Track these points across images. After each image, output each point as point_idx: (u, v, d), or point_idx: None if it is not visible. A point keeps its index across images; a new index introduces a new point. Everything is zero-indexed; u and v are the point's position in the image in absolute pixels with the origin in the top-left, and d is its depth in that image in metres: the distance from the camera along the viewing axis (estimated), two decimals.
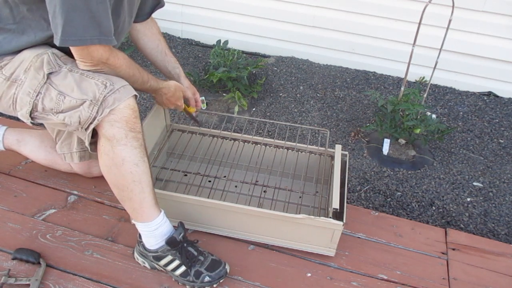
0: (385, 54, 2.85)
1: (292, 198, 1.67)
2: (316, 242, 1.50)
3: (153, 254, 1.37)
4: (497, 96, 2.74)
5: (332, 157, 1.69)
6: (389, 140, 2.23)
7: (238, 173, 1.78)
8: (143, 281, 1.40)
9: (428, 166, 2.15)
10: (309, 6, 2.84)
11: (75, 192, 1.71)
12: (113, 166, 1.27)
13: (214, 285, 1.37)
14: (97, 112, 1.21)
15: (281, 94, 2.63)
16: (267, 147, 1.75)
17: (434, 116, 2.22)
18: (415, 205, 1.93)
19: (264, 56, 3.05)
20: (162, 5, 1.63)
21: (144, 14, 1.59)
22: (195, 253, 1.38)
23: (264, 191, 1.72)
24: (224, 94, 2.56)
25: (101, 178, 1.77)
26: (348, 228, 1.67)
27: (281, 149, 1.74)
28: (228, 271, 1.40)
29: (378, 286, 1.47)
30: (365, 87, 2.75)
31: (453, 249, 1.62)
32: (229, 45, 2.77)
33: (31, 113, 1.27)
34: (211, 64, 2.59)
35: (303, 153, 1.73)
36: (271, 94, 2.63)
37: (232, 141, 1.77)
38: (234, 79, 2.53)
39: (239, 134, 1.79)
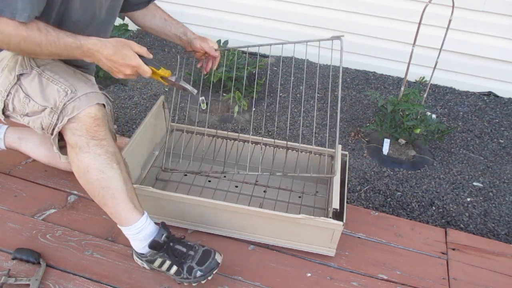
0: (385, 54, 2.85)
1: (292, 198, 1.67)
2: (316, 242, 1.50)
3: (145, 258, 1.37)
4: (497, 96, 2.74)
5: (332, 157, 1.69)
6: (389, 140, 2.23)
7: (238, 173, 1.78)
8: (143, 281, 1.40)
9: (428, 166, 2.15)
10: (309, 6, 2.84)
11: (75, 192, 1.71)
12: (80, 173, 1.28)
13: (209, 278, 1.34)
14: (57, 119, 1.22)
15: (281, 94, 2.63)
16: (267, 147, 1.74)
17: (434, 116, 2.22)
18: (415, 205, 1.93)
19: (264, 56, 3.05)
20: None
21: (141, 3, 1.58)
22: (184, 250, 1.35)
23: (265, 191, 1.72)
24: (224, 94, 2.56)
25: None
26: (348, 228, 1.67)
27: (281, 149, 1.74)
28: (219, 261, 1.35)
29: (378, 286, 1.46)
30: (365, 87, 2.75)
31: (453, 249, 1.62)
32: (229, 45, 2.77)
33: (4, 111, 1.31)
34: None
35: (303, 153, 1.73)
36: (271, 94, 2.63)
37: (233, 141, 1.77)
38: (234, 79, 2.53)
39: (239, 134, 1.79)
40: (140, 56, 1.20)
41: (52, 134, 1.26)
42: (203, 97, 2.48)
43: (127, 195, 1.31)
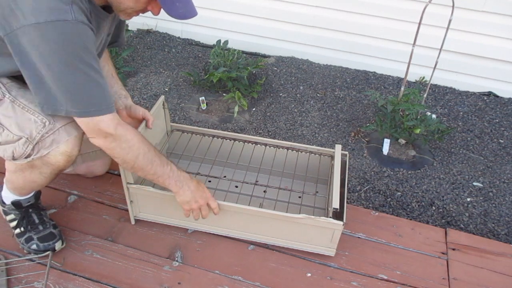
0: (385, 54, 2.85)
1: (292, 198, 1.67)
2: (316, 242, 1.50)
3: (3, 207, 1.46)
4: (497, 96, 2.74)
5: (332, 157, 1.68)
6: (389, 140, 2.23)
7: (238, 173, 1.78)
8: (143, 281, 1.40)
9: (428, 166, 2.15)
10: (309, 6, 2.84)
11: (75, 192, 1.71)
12: (20, 176, 1.31)
13: (40, 255, 1.43)
14: (32, 150, 1.20)
15: (281, 94, 2.63)
16: (267, 147, 1.74)
17: (434, 116, 2.22)
18: (415, 205, 1.93)
19: (264, 56, 3.05)
20: (119, 45, 1.56)
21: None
22: (37, 221, 1.45)
23: (264, 191, 1.72)
24: (224, 94, 2.56)
25: (101, 178, 1.77)
26: (348, 228, 1.67)
27: (281, 149, 1.74)
28: (56, 248, 1.44)
29: (378, 286, 1.46)
30: (365, 87, 2.75)
31: (453, 249, 1.62)
32: (229, 45, 2.77)
33: None
34: (211, 64, 2.59)
35: (303, 153, 1.72)
36: (271, 94, 2.63)
37: (233, 141, 1.77)
38: (234, 79, 2.53)
39: (239, 134, 1.79)
40: None
41: (18, 161, 1.24)
42: (203, 97, 2.48)
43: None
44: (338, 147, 1.65)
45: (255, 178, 1.73)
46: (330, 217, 1.42)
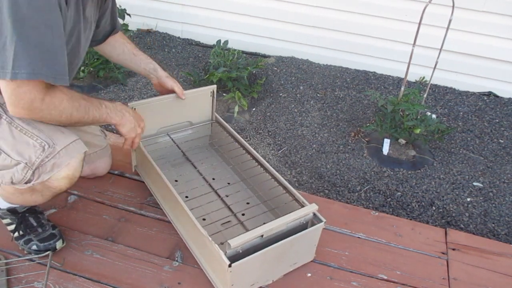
0: (385, 54, 2.85)
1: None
2: (217, 273, 1.33)
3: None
4: (497, 96, 2.74)
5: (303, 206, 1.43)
6: (389, 140, 2.23)
7: (236, 187, 1.71)
8: (143, 281, 1.40)
9: (428, 166, 2.15)
10: (309, 6, 2.84)
11: (75, 192, 1.71)
12: (19, 197, 1.29)
13: (41, 255, 1.43)
14: (32, 175, 1.16)
15: (281, 94, 2.63)
16: (261, 168, 1.60)
17: (434, 116, 2.22)
18: (415, 205, 1.93)
19: (264, 56, 3.05)
20: (118, 31, 1.58)
21: (99, 40, 1.55)
22: (35, 224, 1.43)
23: (243, 214, 1.60)
24: (224, 94, 2.56)
25: (101, 178, 1.77)
26: (348, 228, 1.67)
27: (272, 180, 1.56)
28: (57, 247, 1.43)
29: (378, 286, 1.46)
30: (365, 87, 2.75)
31: (453, 249, 1.62)
32: (229, 45, 2.77)
33: None
34: (211, 64, 2.59)
35: (287, 194, 1.51)
36: (271, 94, 2.63)
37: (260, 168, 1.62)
38: (234, 79, 2.53)
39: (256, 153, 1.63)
40: None
41: (21, 186, 1.20)
42: None
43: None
44: (312, 206, 1.39)
45: (247, 199, 1.63)
46: (225, 252, 1.23)
